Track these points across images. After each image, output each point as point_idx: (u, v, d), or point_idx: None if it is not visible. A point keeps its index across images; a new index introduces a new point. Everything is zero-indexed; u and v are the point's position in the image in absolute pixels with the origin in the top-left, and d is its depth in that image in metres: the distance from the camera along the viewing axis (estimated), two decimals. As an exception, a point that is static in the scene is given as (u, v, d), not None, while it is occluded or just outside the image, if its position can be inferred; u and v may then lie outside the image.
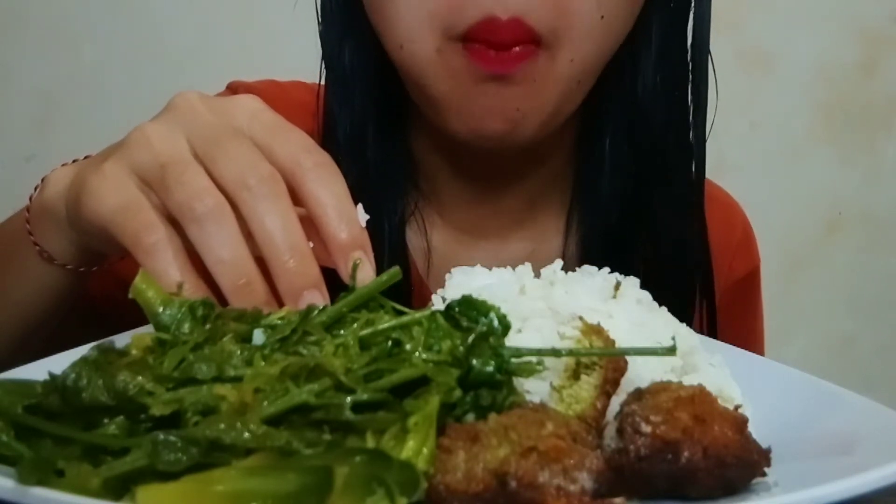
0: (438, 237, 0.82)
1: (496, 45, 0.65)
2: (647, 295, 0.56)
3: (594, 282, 0.55)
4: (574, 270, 0.57)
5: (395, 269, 0.49)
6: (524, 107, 0.68)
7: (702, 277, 0.80)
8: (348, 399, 0.38)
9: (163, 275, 0.48)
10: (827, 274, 1.71)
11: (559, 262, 0.57)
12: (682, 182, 0.79)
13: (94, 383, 0.39)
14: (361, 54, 0.75)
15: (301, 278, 0.48)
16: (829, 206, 1.70)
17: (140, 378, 0.39)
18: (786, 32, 1.63)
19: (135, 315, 0.48)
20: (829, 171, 1.68)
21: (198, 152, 0.51)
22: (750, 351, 0.61)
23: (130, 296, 0.47)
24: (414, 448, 0.38)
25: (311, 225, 0.51)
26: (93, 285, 0.74)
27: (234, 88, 0.86)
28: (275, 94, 0.83)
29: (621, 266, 0.61)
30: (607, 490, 0.37)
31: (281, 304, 0.48)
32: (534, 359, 0.45)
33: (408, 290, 0.78)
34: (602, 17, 0.67)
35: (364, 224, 0.52)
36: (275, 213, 0.48)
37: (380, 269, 0.50)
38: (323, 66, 0.79)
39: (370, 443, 0.38)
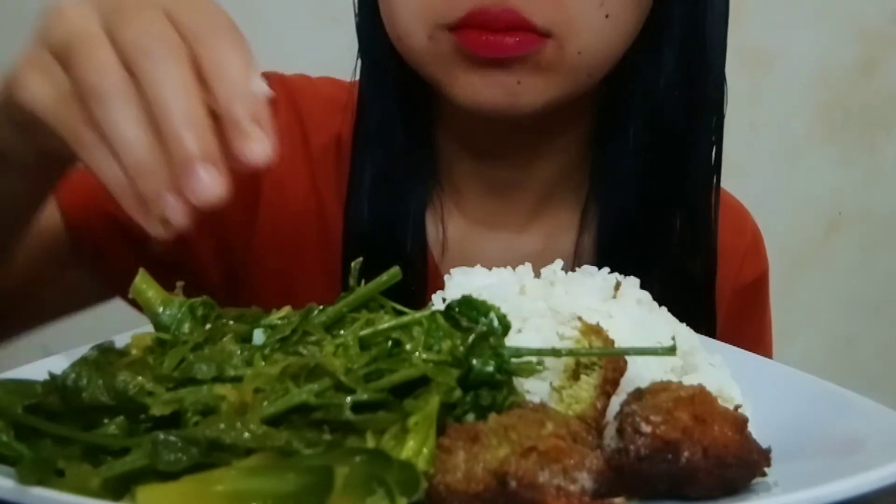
0: (454, 228, 0.83)
1: (492, 30, 0.66)
2: (646, 295, 0.56)
3: (594, 282, 0.55)
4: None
5: (395, 270, 0.48)
6: (526, 82, 0.68)
7: (706, 279, 0.81)
8: (348, 399, 0.38)
9: (102, 173, 0.45)
10: (827, 274, 1.71)
11: (559, 262, 0.57)
12: (697, 181, 0.80)
13: (94, 383, 0.39)
14: (391, 48, 0.77)
15: (193, 149, 0.43)
16: (829, 206, 1.70)
17: (140, 378, 0.39)
18: (786, 32, 1.63)
19: (119, 250, 0.43)
20: (829, 171, 1.68)
21: (104, 23, 0.47)
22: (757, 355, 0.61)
23: (130, 296, 0.47)
24: (414, 448, 0.38)
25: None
26: (74, 218, 0.75)
27: (265, 77, 0.87)
28: (304, 87, 0.86)
29: (636, 263, 0.61)
30: (607, 490, 0.37)
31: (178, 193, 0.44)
32: (534, 359, 0.45)
33: (424, 279, 0.79)
34: (607, 15, 0.68)
35: (264, 97, 0.47)
36: (170, 80, 0.44)
37: (401, 257, 0.49)
38: (358, 57, 0.81)
39: (370, 443, 0.38)
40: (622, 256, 0.74)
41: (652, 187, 0.79)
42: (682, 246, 0.79)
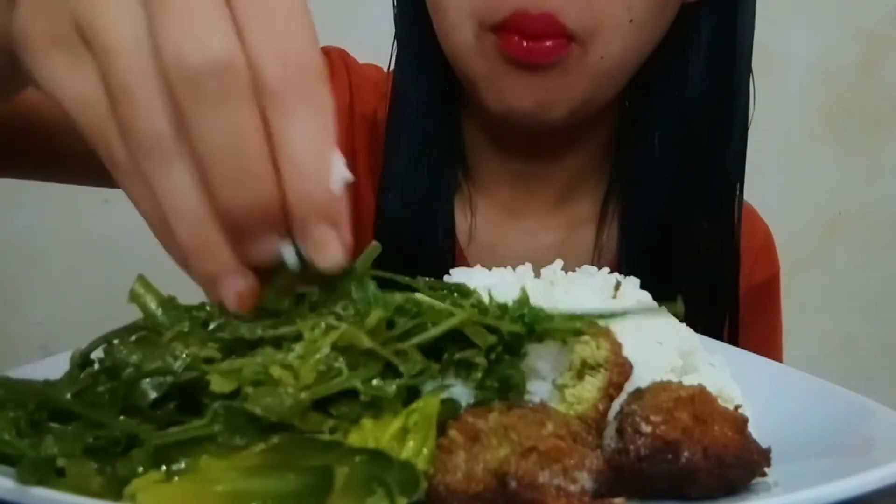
0: (480, 217, 0.85)
1: (529, 36, 0.69)
2: (646, 295, 0.56)
3: (594, 282, 0.55)
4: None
5: (375, 244, 0.43)
6: (553, 90, 0.72)
7: (729, 280, 0.83)
8: (394, 387, 0.39)
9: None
10: (827, 274, 1.71)
11: (559, 262, 0.57)
12: (721, 183, 0.82)
13: (141, 358, 0.39)
14: (429, 37, 0.80)
15: (248, 213, 0.35)
16: (829, 206, 1.70)
17: (190, 346, 0.39)
18: (786, 32, 1.63)
19: None
20: (829, 171, 1.68)
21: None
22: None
23: (129, 301, 0.47)
24: (414, 448, 0.38)
25: None
26: None
27: (326, 52, 0.89)
28: (357, 65, 0.89)
29: (658, 262, 0.62)
30: (607, 490, 0.37)
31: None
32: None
33: (450, 264, 0.80)
34: (631, 20, 0.70)
35: (342, 186, 0.36)
36: (223, 125, 0.34)
37: (431, 243, 0.48)
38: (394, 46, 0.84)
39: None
40: (647, 252, 0.77)
41: (677, 187, 0.81)
42: (709, 242, 0.82)
